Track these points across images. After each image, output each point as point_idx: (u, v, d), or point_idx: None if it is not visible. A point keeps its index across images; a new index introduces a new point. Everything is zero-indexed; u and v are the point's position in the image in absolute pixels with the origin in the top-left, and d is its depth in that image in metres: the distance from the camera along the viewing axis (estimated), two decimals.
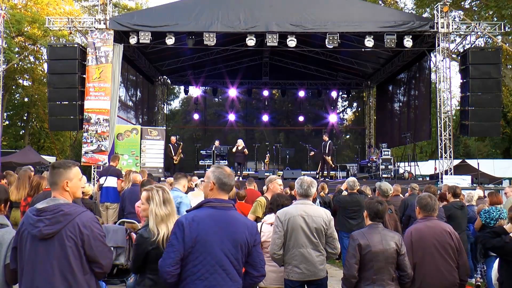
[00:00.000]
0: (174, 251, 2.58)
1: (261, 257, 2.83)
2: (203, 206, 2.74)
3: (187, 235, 2.58)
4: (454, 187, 7.01)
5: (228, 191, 2.83)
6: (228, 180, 2.79)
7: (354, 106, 27.31)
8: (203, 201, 2.78)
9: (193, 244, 2.58)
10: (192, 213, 2.74)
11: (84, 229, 2.48)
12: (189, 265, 2.59)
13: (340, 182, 12.41)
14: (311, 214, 3.89)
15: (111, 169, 9.01)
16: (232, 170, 16.72)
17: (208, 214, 2.68)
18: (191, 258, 2.59)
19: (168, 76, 21.51)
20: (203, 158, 16.56)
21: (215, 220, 2.66)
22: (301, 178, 4.09)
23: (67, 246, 2.45)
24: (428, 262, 3.69)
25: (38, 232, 2.44)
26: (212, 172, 2.83)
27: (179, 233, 2.60)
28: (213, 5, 13.05)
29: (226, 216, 2.70)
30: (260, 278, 2.86)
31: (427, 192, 4.41)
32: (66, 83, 12.80)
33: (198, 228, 2.60)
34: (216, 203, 2.73)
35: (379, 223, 3.61)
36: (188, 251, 2.58)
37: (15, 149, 23.55)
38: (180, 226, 2.62)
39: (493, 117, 12.81)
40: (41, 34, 23.40)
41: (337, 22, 12.92)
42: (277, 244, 3.86)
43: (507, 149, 29.22)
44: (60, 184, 2.62)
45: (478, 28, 13.43)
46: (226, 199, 2.80)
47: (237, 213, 2.82)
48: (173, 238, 2.62)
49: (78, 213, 2.53)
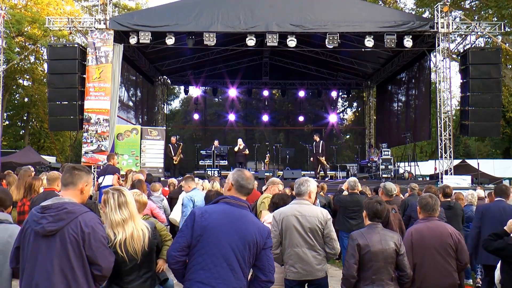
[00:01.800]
0: (181, 237, 2.65)
1: (270, 262, 2.78)
2: (219, 202, 2.80)
3: (197, 223, 2.63)
4: (444, 187, 6.97)
5: (246, 194, 2.85)
6: (246, 183, 2.83)
7: (354, 106, 27.32)
8: (220, 197, 2.85)
9: (201, 233, 2.61)
10: (207, 206, 2.84)
11: (86, 228, 2.49)
12: (195, 254, 2.62)
13: (340, 182, 12.41)
14: (305, 214, 3.89)
15: (109, 168, 9.00)
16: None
17: (221, 208, 2.74)
18: (199, 247, 2.61)
19: (168, 76, 21.51)
20: (203, 158, 16.56)
21: (227, 214, 2.70)
22: (299, 178, 4.13)
23: (68, 244, 2.45)
24: (428, 263, 3.69)
25: (41, 228, 2.45)
26: (232, 174, 2.90)
27: (190, 221, 2.68)
28: (213, 5, 13.04)
29: (239, 213, 2.73)
30: (268, 284, 2.79)
31: (428, 193, 4.40)
32: (66, 83, 12.80)
33: (209, 218, 2.65)
34: (232, 200, 2.78)
35: (378, 223, 3.61)
36: (196, 239, 2.62)
37: (15, 149, 23.57)
38: (192, 215, 2.71)
39: (493, 117, 12.81)
40: (41, 34, 23.42)
41: (337, 22, 12.91)
42: (273, 243, 3.88)
43: (507, 149, 29.22)
44: (79, 185, 2.69)
45: (478, 28, 13.43)
46: (243, 199, 2.83)
47: (250, 214, 2.82)
48: (184, 225, 2.71)
49: (82, 212, 2.54)
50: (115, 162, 9.28)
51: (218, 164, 15.92)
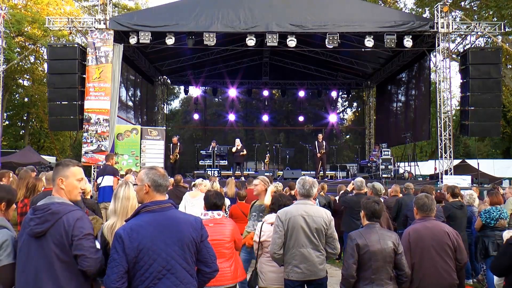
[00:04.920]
0: (116, 266, 2.45)
1: (211, 252, 2.72)
2: (140, 213, 2.60)
3: (128, 246, 2.46)
4: (452, 187, 6.97)
5: (164, 192, 2.70)
6: (163, 180, 2.68)
7: (354, 106, 27.36)
8: (139, 207, 2.65)
9: (136, 254, 2.47)
10: (130, 222, 2.58)
11: (68, 227, 2.47)
12: (136, 274, 2.48)
13: (340, 182, 12.41)
14: (311, 214, 3.90)
15: (107, 168, 9.01)
16: (231, 170, 16.49)
17: (147, 220, 2.55)
18: (137, 267, 2.48)
19: (168, 76, 21.52)
20: (203, 158, 16.56)
21: (155, 224, 2.54)
22: (303, 178, 4.09)
23: (54, 245, 2.45)
24: (427, 263, 3.68)
25: (30, 230, 2.49)
26: (145, 174, 2.69)
27: (119, 246, 2.47)
28: (213, 5, 13.05)
29: (166, 217, 2.59)
30: (213, 274, 2.73)
31: (424, 192, 4.37)
32: (66, 83, 12.81)
33: (138, 237, 2.48)
34: (153, 206, 2.61)
35: (376, 222, 3.62)
36: (132, 262, 2.47)
37: (15, 149, 23.57)
38: (119, 239, 2.48)
39: (493, 117, 12.81)
40: (41, 34, 23.43)
41: (337, 22, 12.92)
42: (277, 244, 3.86)
43: (507, 149, 29.22)
44: (55, 181, 2.66)
45: (478, 28, 13.43)
46: (164, 200, 2.68)
47: (177, 212, 2.69)
48: (114, 252, 2.48)
49: (66, 212, 2.52)
50: (113, 163, 9.29)
51: (218, 164, 15.92)
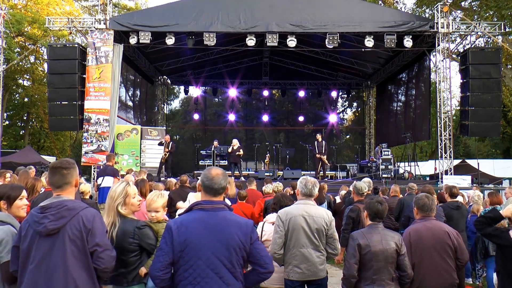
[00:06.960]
0: (163, 255, 2.54)
1: (263, 253, 2.69)
2: (192, 209, 2.67)
3: (176, 239, 2.53)
4: (451, 187, 6.93)
5: (215, 193, 2.69)
6: (211, 183, 2.68)
7: (354, 106, 27.32)
8: (193, 204, 2.72)
9: (183, 248, 2.53)
10: (181, 217, 2.68)
11: (88, 223, 2.51)
12: (180, 269, 2.54)
13: (340, 182, 12.42)
14: (312, 215, 3.88)
15: (108, 169, 9.01)
16: (230, 171, 16.31)
17: (197, 217, 2.61)
18: (182, 262, 2.53)
19: (168, 76, 21.51)
20: (203, 158, 16.55)
21: (204, 222, 2.59)
22: (305, 178, 4.07)
23: (71, 241, 2.47)
24: (427, 263, 3.67)
25: (44, 228, 2.46)
26: (201, 174, 2.78)
27: (168, 237, 2.56)
28: (213, 5, 13.05)
29: (216, 218, 2.61)
30: (268, 275, 2.71)
31: (424, 193, 4.37)
32: (66, 83, 12.82)
33: (186, 232, 2.55)
34: (205, 205, 2.65)
35: (379, 223, 3.61)
36: (178, 255, 2.54)
37: (15, 149, 23.58)
38: (169, 230, 2.58)
39: (493, 117, 12.82)
40: (41, 34, 23.43)
41: (337, 22, 12.93)
42: (278, 244, 3.86)
43: (507, 149, 29.22)
44: (73, 182, 2.69)
45: (478, 28, 13.43)
46: (217, 200, 2.70)
47: (228, 214, 2.70)
48: (163, 242, 2.58)
49: (82, 208, 2.56)
50: (113, 163, 9.30)
51: (218, 164, 15.91)
